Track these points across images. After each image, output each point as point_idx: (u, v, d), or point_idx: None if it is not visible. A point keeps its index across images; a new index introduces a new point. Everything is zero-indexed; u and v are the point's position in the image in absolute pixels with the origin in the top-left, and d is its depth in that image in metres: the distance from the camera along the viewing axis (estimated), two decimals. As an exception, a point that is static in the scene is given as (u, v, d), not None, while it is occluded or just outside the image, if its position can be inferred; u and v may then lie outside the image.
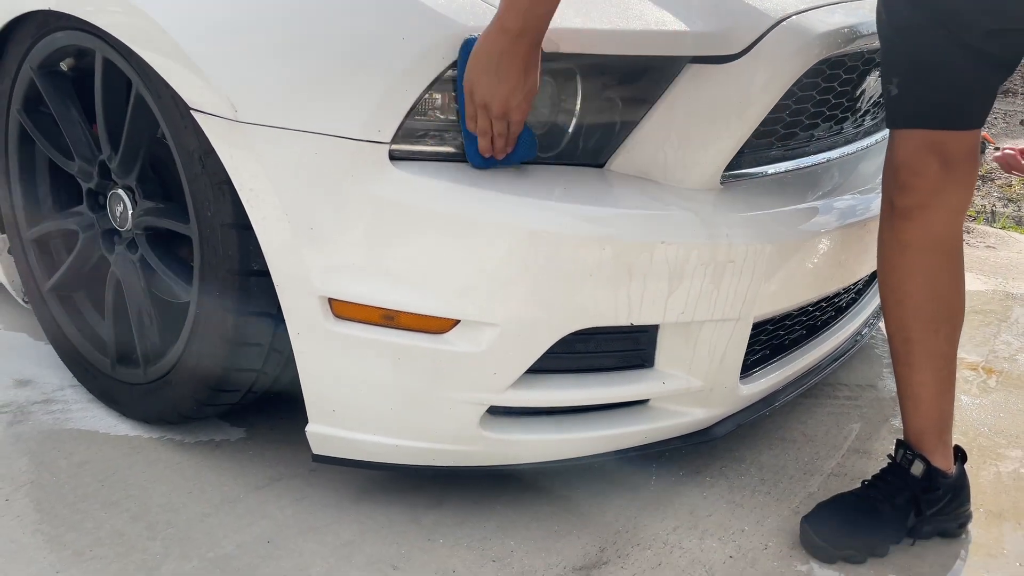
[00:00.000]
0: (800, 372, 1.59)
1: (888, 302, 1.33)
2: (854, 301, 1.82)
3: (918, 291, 1.28)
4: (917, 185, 1.24)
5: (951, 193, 1.24)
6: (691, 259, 1.21)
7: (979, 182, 3.78)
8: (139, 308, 1.49)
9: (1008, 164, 1.12)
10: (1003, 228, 3.13)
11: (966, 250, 2.85)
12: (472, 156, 1.17)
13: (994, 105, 1.30)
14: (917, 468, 1.32)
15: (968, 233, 3.03)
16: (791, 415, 1.72)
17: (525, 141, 1.17)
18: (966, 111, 1.21)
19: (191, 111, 1.23)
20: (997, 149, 4.46)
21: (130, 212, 1.45)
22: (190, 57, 1.21)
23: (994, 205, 3.47)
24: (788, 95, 1.32)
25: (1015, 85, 5.95)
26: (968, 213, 3.35)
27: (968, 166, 1.24)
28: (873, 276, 1.75)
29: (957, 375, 1.34)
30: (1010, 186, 3.78)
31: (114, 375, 1.55)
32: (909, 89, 1.23)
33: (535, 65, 1.11)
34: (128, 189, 1.45)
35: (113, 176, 1.47)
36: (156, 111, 1.30)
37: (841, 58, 1.39)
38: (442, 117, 1.19)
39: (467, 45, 1.11)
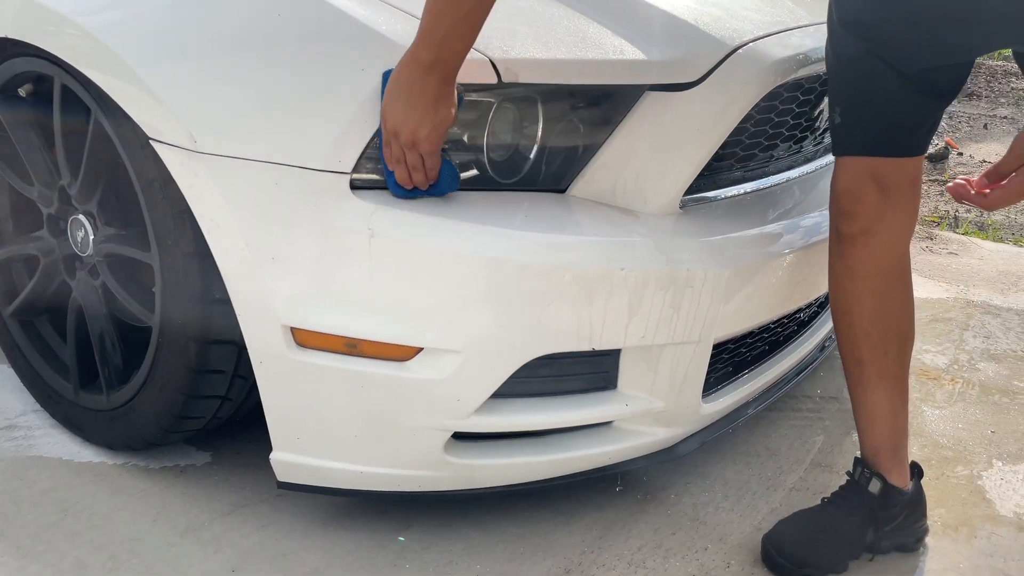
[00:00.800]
0: (763, 387, 1.61)
1: (839, 325, 1.36)
2: (816, 314, 1.84)
3: (867, 314, 1.31)
4: (859, 212, 1.26)
5: (893, 219, 1.27)
6: (651, 285, 1.23)
7: (941, 188, 3.85)
8: (101, 334, 1.48)
9: (959, 194, 1.14)
10: (965, 234, 3.19)
11: (929, 257, 2.91)
12: (392, 186, 1.16)
13: (958, 108, 1.32)
14: (874, 486, 1.34)
15: (931, 240, 3.08)
16: (756, 429, 1.74)
17: (446, 173, 1.16)
18: (906, 140, 1.24)
19: (150, 141, 1.22)
20: (960, 154, 4.53)
21: (91, 238, 1.45)
22: (148, 86, 1.20)
23: (957, 211, 3.54)
24: (746, 118, 1.35)
25: (978, 88, 6.06)
26: (932, 219, 3.41)
27: (910, 193, 1.27)
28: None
29: (918, 385, 1.37)
30: (972, 191, 3.84)
31: (77, 401, 1.53)
32: (851, 117, 1.25)
33: (447, 98, 1.09)
34: (89, 215, 1.44)
35: (73, 202, 1.46)
36: (115, 140, 1.30)
37: (798, 80, 1.42)
38: (403, 145, 1.19)
39: (387, 74, 1.10)
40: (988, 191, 1.12)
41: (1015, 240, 3.17)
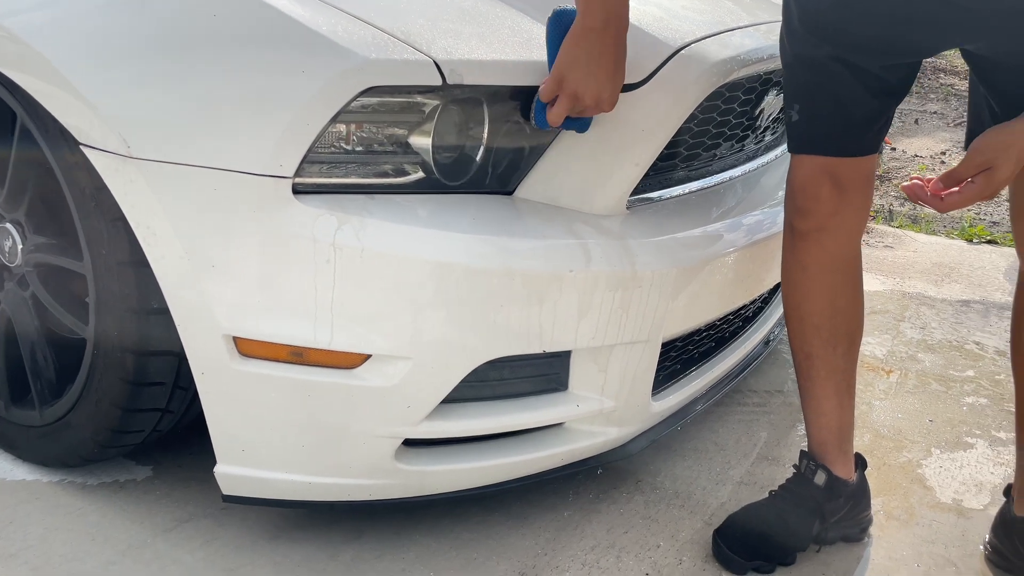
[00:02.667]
0: (711, 383, 1.63)
1: (791, 319, 1.38)
2: (761, 310, 1.87)
3: (819, 309, 1.33)
4: (814, 209, 1.28)
5: (847, 217, 1.29)
6: (599, 286, 1.23)
7: (877, 181, 3.96)
8: (32, 347, 1.42)
9: (914, 195, 1.17)
10: (900, 227, 3.28)
11: (865, 250, 2.98)
12: (540, 122, 1.20)
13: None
14: (820, 478, 1.37)
15: (867, 233, 3.17)
16: (704, 424, 1.76)
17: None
18: (860, 139, 1.26)
19: (80, 146, 1.18)
20: (893, 149, 4.66)
21: (19, 248, 1.38)
22: (78, 90, 1.16)
23: (891, 204, 3.64)
24: (690, 118, 1.36)
25: (909, 84, 6.25)
26: (867, 213, 3.52)
27: (864, 191, 1.30)
28: (779, 284, 1.81)
29: (859, 376, 1.40)
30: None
31: (8, 417, 1.47)
32: (807, 116, 1.27)
33: (623, 58, 1.16)
34: (16, 223, 1.38)
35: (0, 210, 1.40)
36: (43, 145, 1.25)
37: (740, 80, 1.44)
38: (347, 148, 1.17)
39: (554, 21, 1.15)
40: (944, 195, 1.14)
41: (947, 233, 3.28)
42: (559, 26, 1.15)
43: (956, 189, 1.12)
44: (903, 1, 1.14)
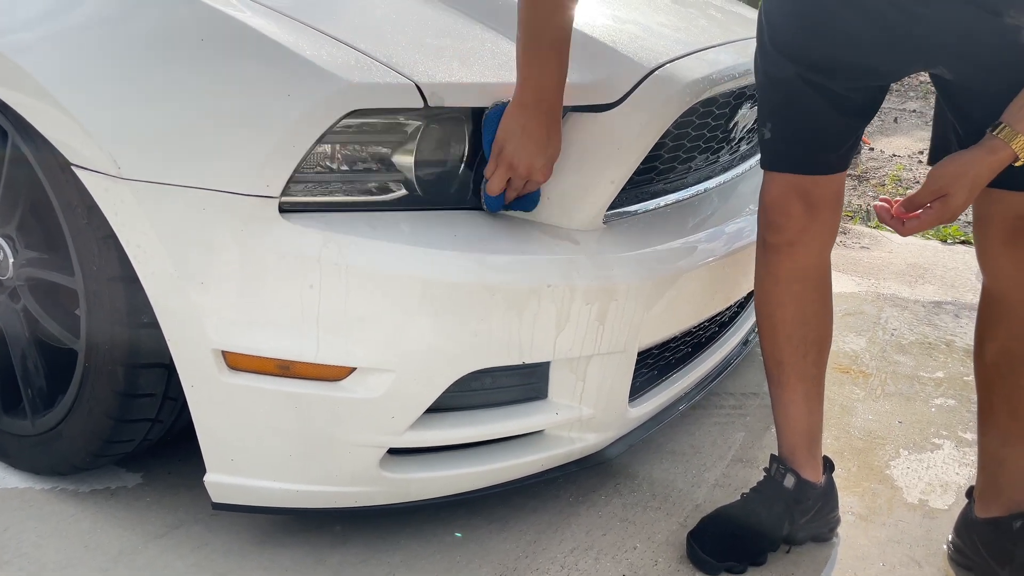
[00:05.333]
0: (687, 388, 1.68)
1: (763, 327, 1.43)
2: (737, 314, 1.93)
3: (789, 318, 1.39)
4: (785, 225, 1.33)
5: (817, 232, 1.34)
6: (577, 299, 1.27)
7: (855, 182, 4.02)
8: (24, 358, 1.45)
9: (881, 216, 1.23)
10: (876, 228, 3.34)
11: (842, 251, 3.04)
12: (488, 203, 1.27)
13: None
14: (789, 481, 1.42)
15: (844, 234, 3.23)
16: (680, 427, 1.81)
17: (532, 194, 1.29)
18: (829, 158, 1.31)
19: (71, 166, 1.21)
20: (872, 149, 4.73)
21: (11, 261, 1.41)
22: (69, 111, 1.19)
23: (869, 205, 3.70)
24: (665, 134, 1.40)
25: (889, 82, 6.31)
26: (845, 213, 3.57)
27: (833, 207, 1.35)
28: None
29: (831, 378, 1.45)
30: (883, 186, 4.03)
31: (0, 427, 1.50)
32: (778, 135, 1.32)
33: (556, 132, 1.23)
34: (8, 238, 1.41)
35: (-10, 224, 1.42)
36: (35, 164, 1.27)
37: (715, 96, 1.48)
38: (331, 167, 1.21)
39: (490, 116, 1.23)
40: (905, 220, 1.20)
41: (922, 233, 3.34)
42: (497, 115, 1.23)
43: (916, 214, 1.18)
44: (861, 27, 1.19)
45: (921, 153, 4.63)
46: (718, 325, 1.82)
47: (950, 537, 1.46)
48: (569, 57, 1.21)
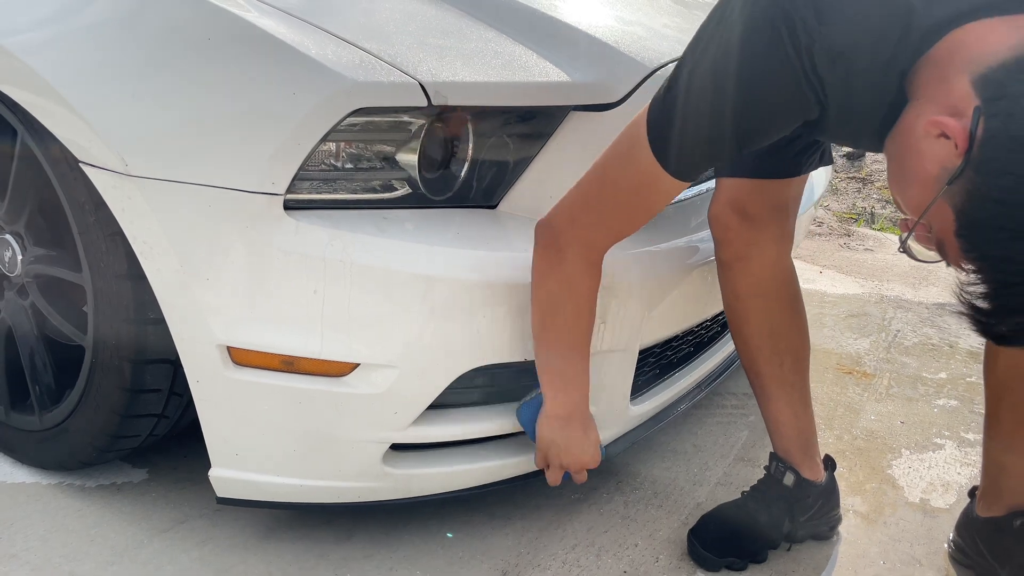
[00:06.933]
0: (689, 387, 1.69)
1: (736, 340, 1.44)
2: (739, 315, 1.93)
3: (756, 331, 1.39)
4: (729, 239, 1.34)
5: (765, 246, 1.34)
6: (579, 297, 1.28)
7: (859, 184, 4.02)
8: (32, 354, 1.46)
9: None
10: (881, 230, 3.34)
11: (846, 254, 3.05)
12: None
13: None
14: (788, 479, 1.43)
15: (849, 236, 3.23)
16: (683, 427, 1.82)
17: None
18: (778, 161, 1.30)
19: (79, 164, 1.22)
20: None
21: (19, 258, 1.43)
22: (76, 109, 1.20)
23: (873, 207, 3.70)
24: (667, 134, 1.41)
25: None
26: (849, 216, 3.57)
27: (776, 219, 1.34)
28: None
29: (835, 379, 1.45)
30: (887, 188, 4.03)
31: (8, 422, 1.52)
32: None
33: (591, 425, 1.31)
34: (16, 235, 1.43)
35: (0, 222, 1.44)
36: (43, 162, 1.29)
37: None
38: (336, 165, 1.22)
39: (524, 411, 1.32)
40: None
41: (926, 235, 3.34)
42: (530, 409, 1.32)
43: None
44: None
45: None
46: (720, 324, 1.83)
47: (951, 536, 1.47)
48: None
